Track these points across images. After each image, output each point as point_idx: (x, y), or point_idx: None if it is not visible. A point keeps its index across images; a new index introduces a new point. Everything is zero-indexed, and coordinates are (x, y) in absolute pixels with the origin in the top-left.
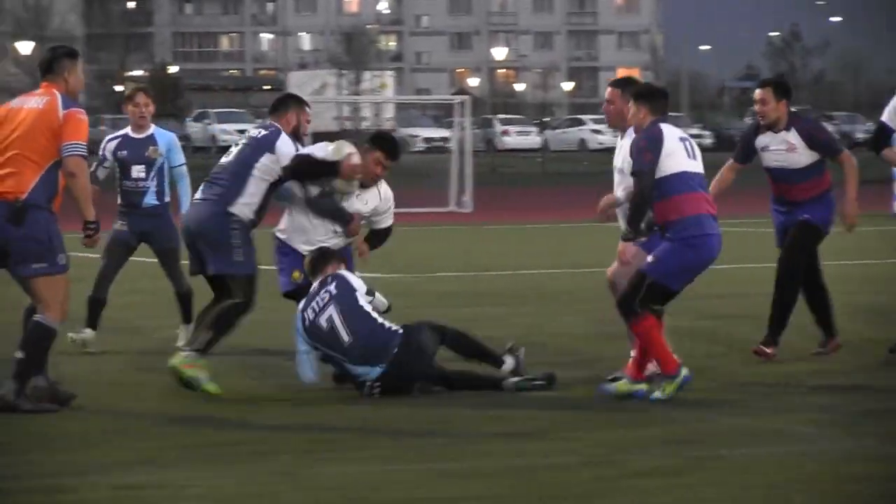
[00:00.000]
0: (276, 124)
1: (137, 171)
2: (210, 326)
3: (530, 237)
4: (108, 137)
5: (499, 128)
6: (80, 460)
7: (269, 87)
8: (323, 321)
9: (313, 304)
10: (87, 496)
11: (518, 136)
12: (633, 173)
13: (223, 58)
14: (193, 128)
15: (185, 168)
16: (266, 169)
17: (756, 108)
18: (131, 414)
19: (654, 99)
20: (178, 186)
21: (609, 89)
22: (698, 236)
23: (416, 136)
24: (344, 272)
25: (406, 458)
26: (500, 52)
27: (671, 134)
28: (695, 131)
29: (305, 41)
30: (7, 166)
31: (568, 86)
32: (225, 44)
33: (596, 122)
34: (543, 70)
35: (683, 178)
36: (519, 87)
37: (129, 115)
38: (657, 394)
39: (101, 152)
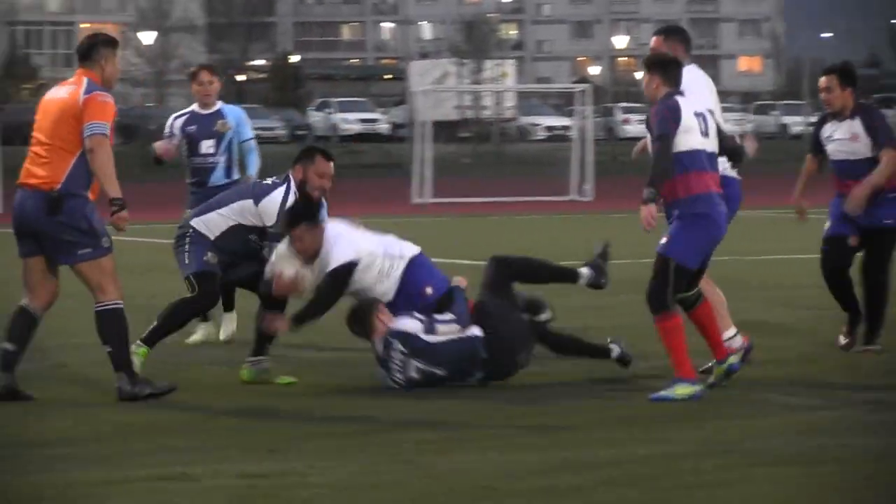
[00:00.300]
0: (290, 176)
1: (206, 146)
2: (162, 318)
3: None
4: (174, 115)
5: (620, 116)
6: (200, 448)
7: (390, 76)
8: (413, 373)
9: (394, 367)
10: (211, 483)
11: (639, 125)
12: (658, 137)
13: (344, 47)
14: (315, 117)
15: (254, 142)
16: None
17: (822, 96)
18: (232, 406)
19: (668, 69)
20: (247, 160)
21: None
22: (706, 213)
23: (537, 125)
24: (397, 326)
25: (524, 447)
26: (621, 41)
27: (688, 108)
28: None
29: (426, 30)
30: (41, 156)
31: None
32: (346, 33)
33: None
34: None
35: (695, 156)
36: (639, 75)
37: (194, 93)
38: (663, 392)
39: (167, 130)
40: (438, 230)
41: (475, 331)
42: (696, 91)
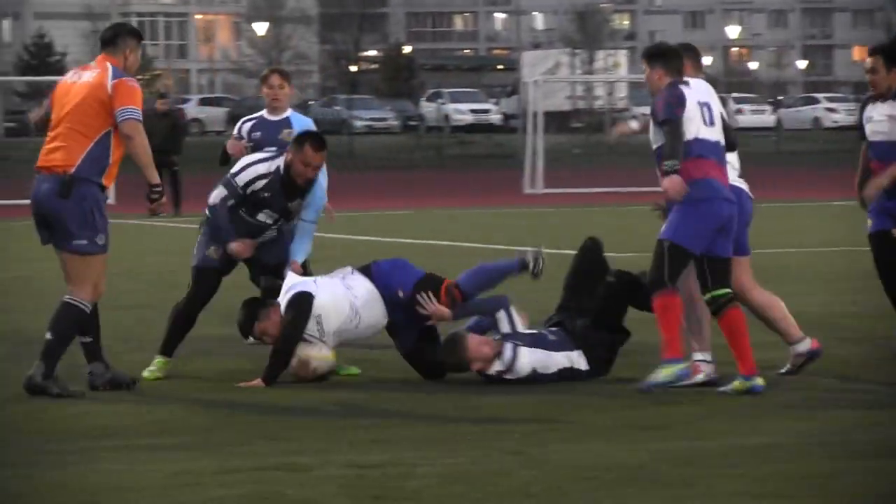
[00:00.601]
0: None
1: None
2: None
3: (765, 216)
4: (243, 119)
5: (732, 106)
6: (308, 439)
7: (502, 66)
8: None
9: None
10: (321, 473)
11: (752, 115)
12: (665, 121)
13: (457, 37)
14: (427, 108)
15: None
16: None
17: (867, 77)
18: (339, 398)
19: (669, 59)
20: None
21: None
22: (705, 198)
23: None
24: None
25: (628, 439)
26: (733, 31)
27: (692, 97)
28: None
29: (539, 20)
30: (57, 140)
31: (802, 64)
32: (459, 24)
33: (830, 100)
34: (777, 48)
35: (696, 144)
36: (752, 65)
37: (265, 96)
38: (651, 380)
39: (236, 132)
40: (549, 221)
41: (577, 360)
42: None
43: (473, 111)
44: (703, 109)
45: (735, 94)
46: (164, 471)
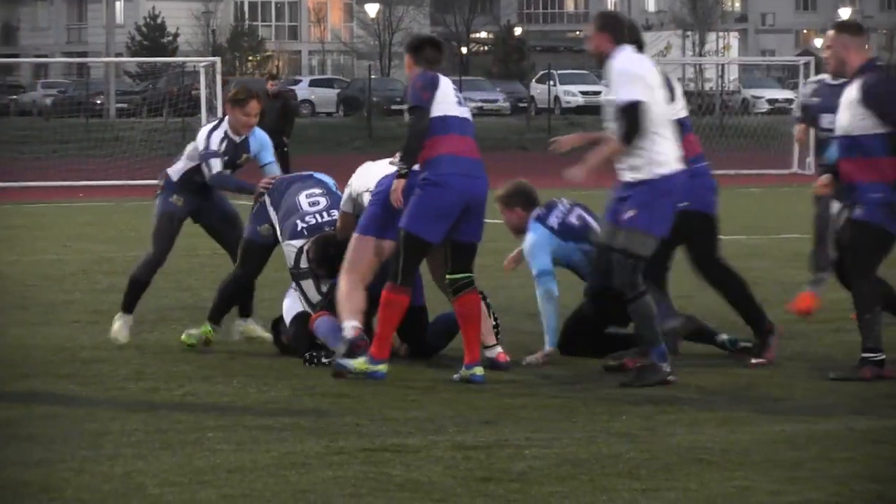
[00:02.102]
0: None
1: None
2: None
3: None
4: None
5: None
6: (416, 420)
7: None
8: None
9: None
10: (427, 455)
11: None
12: (410, 108)
13: (568, 19)
14: (537, 89)
15: (274, 165)
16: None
17: None
18: (449, 377)
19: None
20: None
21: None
22: (435, 181)
23: (760, 98)
24: None
25: (738, 421)
26: (845, 13)
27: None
28: None
29: (651, 2)
30: None
31: None
32: (570, 5)
33: None
34: (889, 30)
35: (438, 122)
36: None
37: (235, 121)
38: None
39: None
40: None
41: None
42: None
43: (584, 93)
44: (456, 93)
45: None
46: (273, 452)
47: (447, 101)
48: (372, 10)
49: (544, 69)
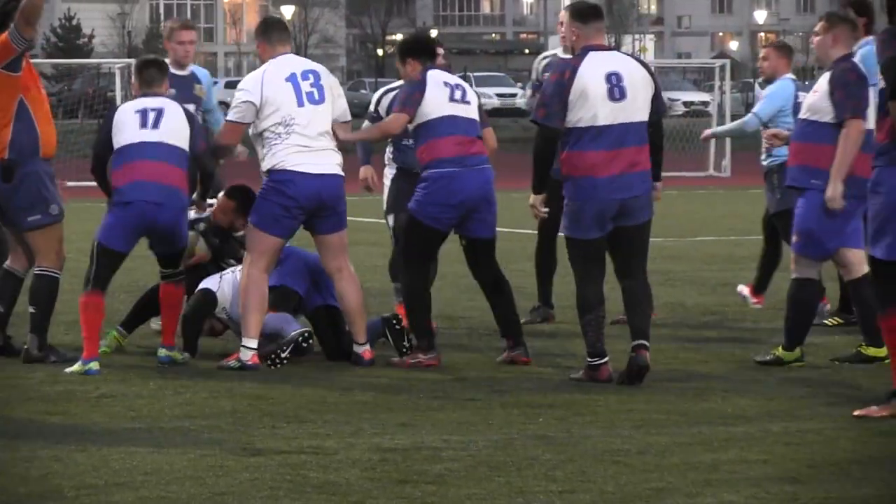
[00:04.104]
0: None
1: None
2: None
3: None
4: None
5: (759, 92)
6: (333, 423)
7: (529, 50)
8: None
9: None
10: (344, 457)
11: None
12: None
13: (484, 21)
14: None
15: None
16: None
17: None
18: (366, 380)
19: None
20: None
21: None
22: (129, 201)
23: (676, 100)
24: None
25: (654, 424)
26: (761, 16)
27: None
28: None
29: (566, 4)
30: None
31: None
32: (486, 7)
33: None
34: (805, 33)
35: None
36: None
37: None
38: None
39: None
40: None
41: None
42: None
43: (500, 95)
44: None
45: (762, 80)
46: (190, 454)
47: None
48: (288, 11)
49: (460, 71)
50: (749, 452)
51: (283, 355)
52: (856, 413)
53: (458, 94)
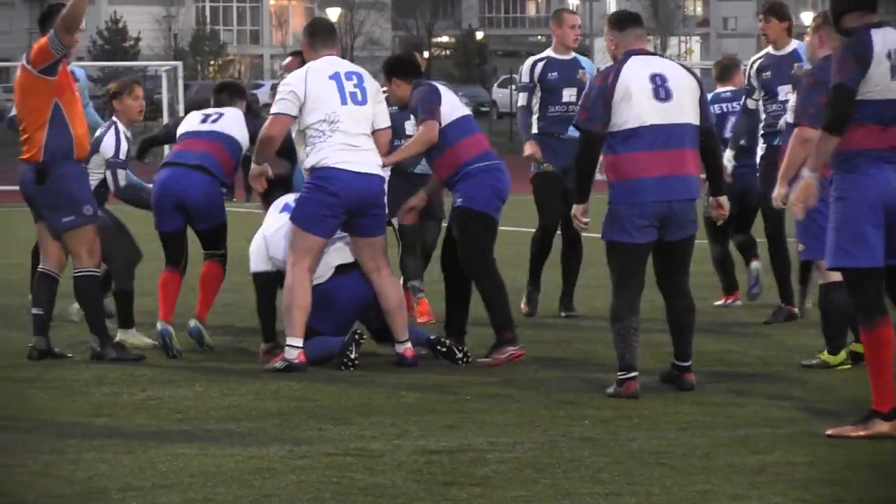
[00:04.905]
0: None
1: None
2: None
3: None
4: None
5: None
6: (379, 425)
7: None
8: None
9: None
10: (390, 459)
11: None
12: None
13: (530, 23)
14: (499, 94)
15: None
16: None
17: None
18: (413, 382)
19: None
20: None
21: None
22: None
23: None
24: None
25: (700, 426)
26: (807, 17)
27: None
28: None
29: (612, 6)
30: (23, 133)
31: None
32: (532, 9)
33: None
34: None
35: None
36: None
37: (128, 109)
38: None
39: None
40: None
41: None
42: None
43: None
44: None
45: None
46: (236, 456)
47: None
48: (333, 13)
49: (506, 74)
50: (794, 454)
51: (352, 356)
52: (829, 432)
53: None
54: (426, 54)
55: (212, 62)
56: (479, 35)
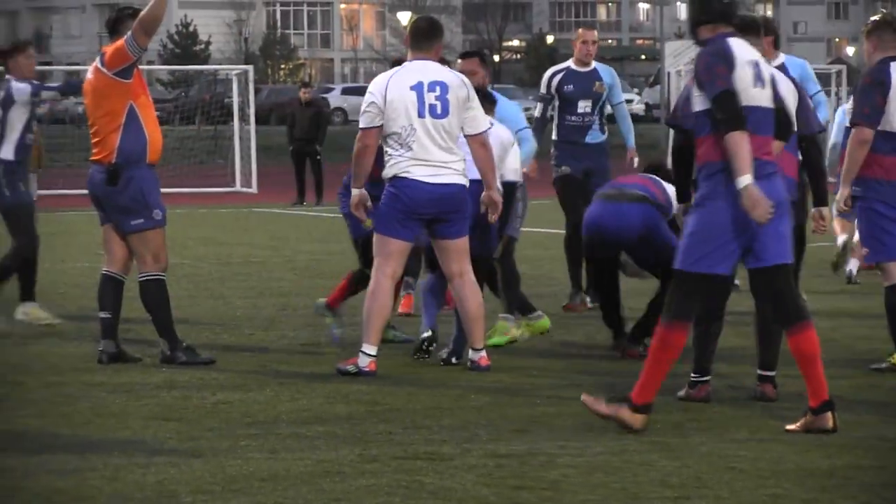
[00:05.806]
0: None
1: None
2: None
3: None
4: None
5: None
6: (449, 428)
7: (645, 56)
8: None
9: None
10: (460, 463)
11: None
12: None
13: (600, 27)
14: None
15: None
16: None
17: None
18: (482, 385)
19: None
20: None
21: None
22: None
23: None
24: None
25: (769, 431)
26: None
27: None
28: None
29: (682, 10)
30: (95, 135)
31: None
32: (602, 13)
33: None
34: None
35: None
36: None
37: (25, 66)
38: None
39: None
40: None
41: None
42: None
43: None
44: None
45: None
46: (306, 460)
47: None
48: (404, 17)
49: None
50: (864, 458)
51: (428, 348)
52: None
53: None
54: (496, 58)
55: (282, 66)
56: (550, 39)
